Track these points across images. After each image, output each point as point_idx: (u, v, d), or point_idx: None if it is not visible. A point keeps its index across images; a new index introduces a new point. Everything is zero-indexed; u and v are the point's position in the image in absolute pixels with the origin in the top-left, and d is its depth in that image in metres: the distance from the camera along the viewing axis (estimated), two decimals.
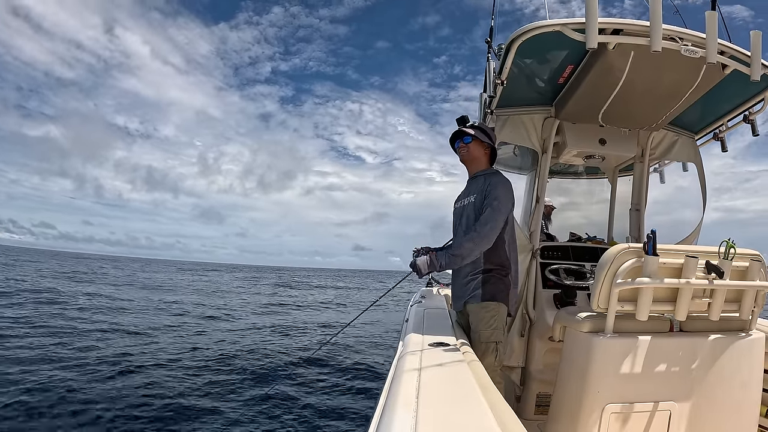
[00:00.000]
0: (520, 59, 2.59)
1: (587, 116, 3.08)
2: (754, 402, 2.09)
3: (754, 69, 2.19)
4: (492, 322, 2.28)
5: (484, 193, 2.34)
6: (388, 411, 1.09)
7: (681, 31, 2.16)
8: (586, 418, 1.90)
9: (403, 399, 1.14)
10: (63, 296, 15.52)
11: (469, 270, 2.38)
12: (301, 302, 20.65)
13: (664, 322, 2.08)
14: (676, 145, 3.48)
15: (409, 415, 1.03)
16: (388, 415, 1.05)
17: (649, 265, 1.86)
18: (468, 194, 2.49)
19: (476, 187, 2.43)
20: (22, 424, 4.46)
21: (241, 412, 5.20)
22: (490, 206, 2.26)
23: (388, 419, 1.02)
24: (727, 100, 2.91)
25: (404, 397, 1.16)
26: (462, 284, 2.43)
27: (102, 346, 7.95)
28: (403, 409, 1.07)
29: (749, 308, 2.09)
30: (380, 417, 1.10)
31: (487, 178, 2.42)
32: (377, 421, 1.10)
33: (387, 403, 1.17)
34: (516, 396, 3.12)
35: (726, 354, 2.04)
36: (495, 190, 2.30)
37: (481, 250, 2.27)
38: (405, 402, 1.12)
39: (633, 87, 2.58)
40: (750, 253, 2.04)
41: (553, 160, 3.40)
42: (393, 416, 1.03)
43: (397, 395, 1.18)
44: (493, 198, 2.28)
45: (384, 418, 1.06)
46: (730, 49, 2.25)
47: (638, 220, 3.59)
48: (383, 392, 1.38)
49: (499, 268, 2.34)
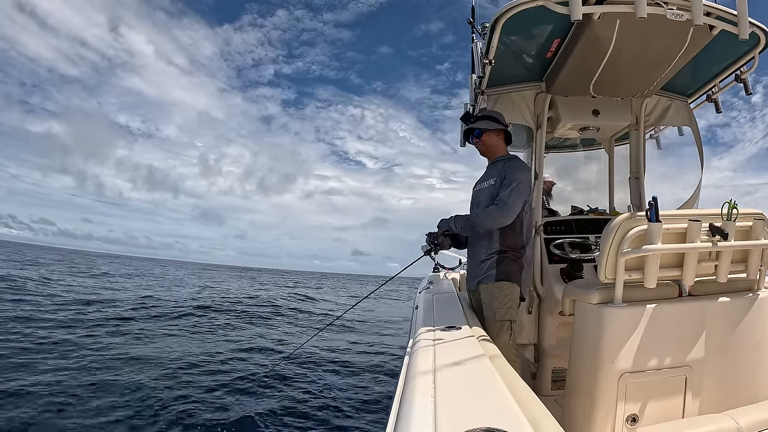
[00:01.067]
0: (506, 37, 2.57)
1: (578, 88, 3.07)
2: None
3: (742, 28, 2.17)
4: (506, 300, 2.33)
5: (502, 175, 2.41)
6: (407, 398, 1.10)
7: None
8: (602, 389, 1.92)
9: (420, 385, 1.15)
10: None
11: (484, 251, 2.45)
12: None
13: (673, 288, 2.09)
14: (670, 110, 3.46)
15: (427, 400, 1.04)
16: (408, 403, 1.06)
17: (653, 232, 1.86)
18: (488, 178, 2.56)
19: (495, 171, 2.50)
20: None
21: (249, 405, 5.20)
22: (510, 186, 2.33)
23: (408, 406, 1.03)
24: (717, 61, 2.89)
25: (421, 384, 1.16)
26: (477, 263, 2.50)
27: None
28: (422, 395, 1.08)
29: (756, 267, 2.09)
30: (399, 405, 1.11)
31: (506, 162, 2.49)
32: (397, 409, 1.11)
33: (405, 391, 1.18)
34: (531, 373, 3.15)
35: (737, 315, 2.05)
36: (514, 173, 2.38)
37: (497, 225, 2.35)
38: (423, 388, 1.13)
39: (621, 55, 2.56)
40: (753, 212, 2.03)
41: (548, 135, 3.39)
42: (412, 403, 1.04)
43: (414, 382, 1.19)
44: (512, 179, 2.35)
45: (404, 405, 1.07)
46: (716, 9, 2.23)
47: (638, 188, 3.58)
48: (399, 380, 1.39)
49: (514, 251, 2.40)
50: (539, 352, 3.11)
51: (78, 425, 4.47)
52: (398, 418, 1.03)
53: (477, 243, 2.55)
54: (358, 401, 5.63)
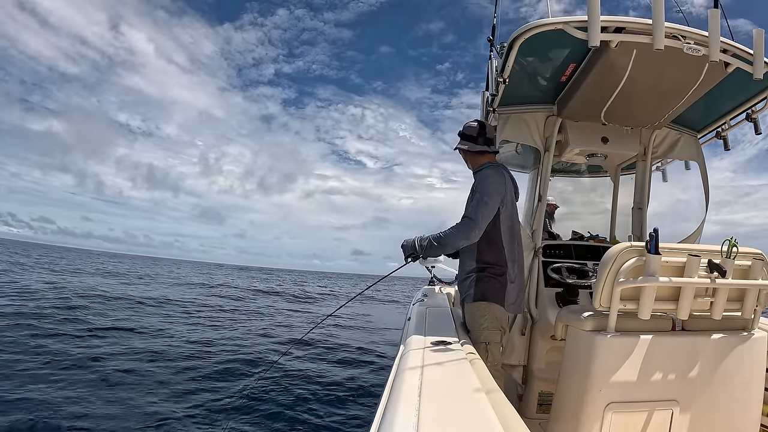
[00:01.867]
0: (523, 57, 2.59)
1: (589, 114, 3.08)
2: (757, 401, 2.09)
3: (757, 67, 2.18)
4: (482, 322, 2.30)
5: (473, 189, 2.42)
6: (391, 409, 1.09)
7: (683, 29, 2.15)
8: (587, 417, 1.90)
9: (405, 397, 1.15)
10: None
11: (466, 268, 2.45)
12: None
13: (667, 321, 2.08)
14: (678, 144, 3.47)
15: (411, 413, 1.03)
16: (391, 414, 1.06)
17: (652, 263, 1.86)
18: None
19: (474, 184, 2.50)
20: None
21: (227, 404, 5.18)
22: (476, 200, 2.32)
23: (390, 417, 1.03)
24: (729, 98, 2.90)
25: (406, 396, 1.16)
26: (460, 281, 2.50)
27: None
28: (405, 407, 1.07)
29: (751, 307, 2.08)
30: (382, 415, 1.11)
31: (476, 174, 2.51)
32: (379, 420, 1.11)
33: (389, 402, 1.18)
34: (518, 395, 3.13)
35: (728, 353, 2.03)
36: (481, 185, 2.38)
37: (465, 241, 2.31)
38: (407, 400, 1.12)
39: (635, 85, 2.57)
40: (752, 252, 2.03)
41: (556, 158, 3.40)
42: (395, 414, 1.03)
43: (399, 393, 1.19)
44: (478, 193, 2.35)
45: (386, 416, 1.07)
46: (733, 47, 2.24)
47: (640, 218, 3.58)
48: (385, 390, 1.38)
49: (494, 267, 2.36)
50: (528, 374, 3.09)
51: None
52: (380, 427, 1.02)
53: (461, 259, 2.54)
54: (340, 408, 5.59)
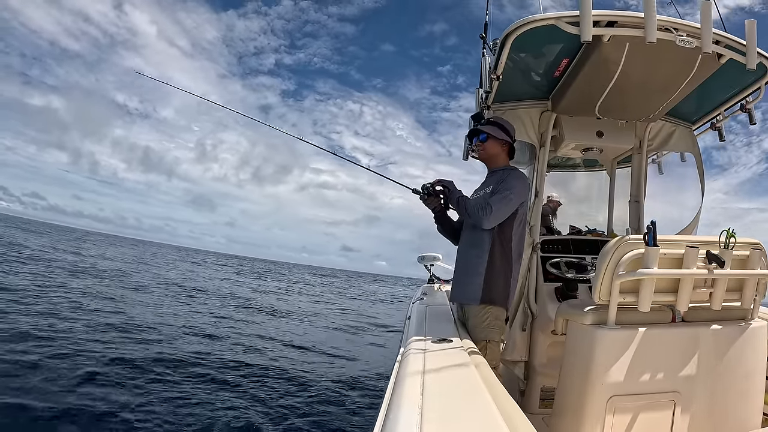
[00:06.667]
0: (515, 54, 2.59)
1: (584, 109, 3.08)
2: (758, 390, 2.10)
3: (750, 58, 2.19)
4: (485, 322, 2.28)
5: (499, 183, 2.33)
6: (394, 408, 1.09)
7: (676, 22, 2.15)
8: (590, 410, 1.90)
9: (407, 396, 1.15)
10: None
11: (477, 269, 2.32)
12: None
13: (666, 312, 2.08)
14: (673, 136, 3.48)
15: (414, 411, 1.03)
16: (394, 413, 1.05)
17: (650, 256, 1.86)
18: (484, 186, 2.48)
19: (493, 180, 2.41)
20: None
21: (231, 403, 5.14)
22: (502, 193, 2.25)
23: (394, 417, 1.03)
24: (723, 89, 2.91)
25: (409, 394, 1.16)
26: (463, 282, 2.41)
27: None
28: (408, 406, 1.07)
29: (750, 297, 2.09)
30: (385, 415, 1.11)
31: (506, 171, 2.42)
32: (383, 419, 1.11)
33: (392, 401, 1.18)
34: (520, 390, 3.13)
35: (728, 343, 2.04)
36: (511, 181, 2.30)
37: (478, 221, 2.25)
38: (410, 399, 1.12)
39: (629, 79, 2.58)
40: (750, 242, 2.04)
41: (551, 153, 3.41)
42: (398, 414, 1.03)
43: (402, 392, 1.19)
44: (506, 188, 2.27)
45: (389, 415, 1.07)
46: (726, 38, 2.25)
47: (637, 211, 3.59)
48: (387, 390, 1.38)
49: (503, 269, 2.31)
50: (529, 369, 3.10)
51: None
52: (384, 426, 1.02)
53: (466, 255, 2.44)
54: (342, 408, 5.59)
